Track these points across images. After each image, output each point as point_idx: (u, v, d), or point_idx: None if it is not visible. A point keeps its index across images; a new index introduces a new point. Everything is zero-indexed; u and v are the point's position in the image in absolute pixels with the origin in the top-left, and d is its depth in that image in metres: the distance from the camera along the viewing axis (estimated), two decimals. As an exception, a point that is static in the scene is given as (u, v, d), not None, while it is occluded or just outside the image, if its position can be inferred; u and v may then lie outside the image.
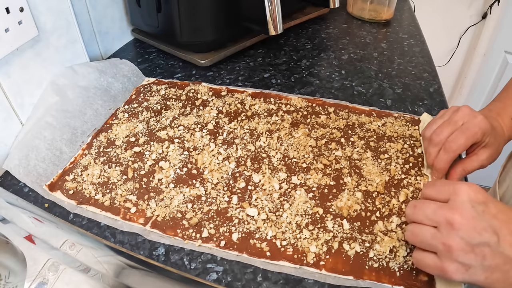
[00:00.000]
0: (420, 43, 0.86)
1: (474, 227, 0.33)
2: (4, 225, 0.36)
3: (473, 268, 0.33)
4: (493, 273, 0.33)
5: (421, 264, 0.37)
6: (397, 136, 0.58)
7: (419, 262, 0.37)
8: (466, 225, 0.33)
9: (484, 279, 0.33)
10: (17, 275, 0.32)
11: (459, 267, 0.34)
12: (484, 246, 0.33)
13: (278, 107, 0.64)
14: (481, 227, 0.33)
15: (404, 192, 0.49)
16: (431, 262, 0.36)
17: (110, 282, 0.34)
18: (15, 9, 0.50)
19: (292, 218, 0.46)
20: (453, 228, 0.34)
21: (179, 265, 0.42)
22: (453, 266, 0.34)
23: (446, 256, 0.34)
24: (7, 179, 0.52)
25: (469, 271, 0.33)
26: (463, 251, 0.33)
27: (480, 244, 0.33)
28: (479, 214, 0.34)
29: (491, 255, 0.33)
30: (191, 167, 0.53)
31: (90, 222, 0.47)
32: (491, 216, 0.34)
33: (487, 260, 0.33)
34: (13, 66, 0.53)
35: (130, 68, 0.71)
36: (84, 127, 0.59)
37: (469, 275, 0.34)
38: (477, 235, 0.33)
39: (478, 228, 0.33)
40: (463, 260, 0.33)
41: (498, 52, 1.56)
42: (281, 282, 0.40)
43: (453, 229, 0.34)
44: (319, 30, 0.92)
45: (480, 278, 0.33)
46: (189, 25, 0.72)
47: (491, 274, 0.33)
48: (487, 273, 0.33)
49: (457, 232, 0.33)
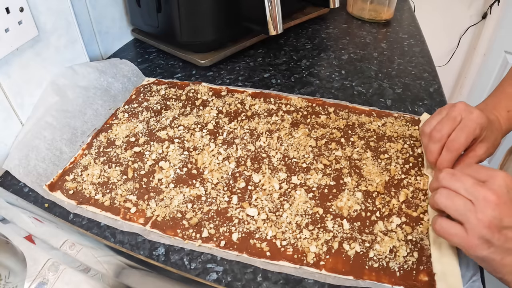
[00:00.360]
0: (420, 43, 0.86)
1: (506, 211, 0.35)
2: (4, 225, 0.36)
3: (494, 247, 0.35)
4: (509, 256, 0.35)
5: (446, 232, 0.38)
6: (397, 136, 0.58)
7: (444, 229, 0.38)
8: (500, 207, 0.35)
9: (500, 260, 0.35)
10: (17, 275, 0.32)
11: (483, 243, 0.35)
12: (509, 230, 0.35)
13: (278, 107, 0.64)
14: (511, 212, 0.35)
15: (404, 192, 0.49)
16: (458, 231, 0.37)
17: (110, 282, 0.34)
18: (15, 9, 0.50)
19: (292, 218, 0.46)
20: (488, 206, 0.35)
21: (179, 265, 0.42)
22: (478, 241, 0.35)
23: (475, 229, 0.35)
24: (7, 179, 0.52)
25: (490, 249, 0.35)
26: (491, 229, 0.35)
27: (507, 227, 0.35)
28: (510, 200, 0.35)
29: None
30: (191, 167, 0.53)
31: (90, 222, 0.47)
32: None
33: (508, 243, 0.35)
34: (13, 66, 0.53)
35: (130, 68, 0.71)
36: (84, 127, 0.59)
37: (488, 253, 0.35)
38: (507, 219, 0.35)
39: (509, 213, 0.35)
40: (489, 238, 0.35)
41: (498, 52, 1.56)
42: (281, 282, 0.40)
43: (488, 207, 0.35)
44: (319, 30, 0.92)
45: (496, 258, 0.35)
46: (189, 25, 0.72)
47: (507, 256, 0.35)
48: (503, 255, 0.35)
49: (492, 211, 0.35)
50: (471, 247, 0.36)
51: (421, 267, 0.41)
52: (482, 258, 0.36)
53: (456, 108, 0.47)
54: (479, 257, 0.36)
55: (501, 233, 0.35)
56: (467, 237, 0.36)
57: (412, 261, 0.41)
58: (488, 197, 0.35)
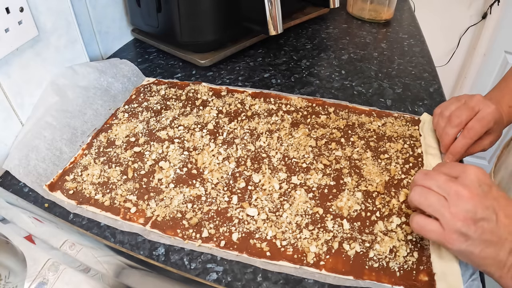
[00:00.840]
0: (420, 43, 0.86)
1: (479, 203, 0.36)
2: (4, 225, 0.36)
3: (471, 240, 0.36)
4: (488, 248, 0.36)
5: (424, 229, 0.39)
6: (397, 136, 0.58)
7: (422, 227, 0.39)
8: (472, 200, 0.36)
9: (479, 252, 0.36)
10: (17, 275, 0.32)
11: (460, 237, 0.36)
12: (484, 221, 0.35)
13: (278, 107, 0.64)
14: (485, 205, 0.36)
15: (404, 192, 0.49)
16: (435, 228, 0.38)
17: (110, 282, 0.34)
18: (15, 9, 0.50)
19: (292, 218, 0.46)
20: (461, 200, 0.36)
21: (179, 265, 0.42)
22: (455, 235, 0.36)
23: (450, 224, 0.36)
24: (7, 179, 0.52)
25: (468, 242, 0.36)
26: (466, 222, 0.36)
27: (481, 219, 0.35)
28: (484, 193, 0.36)
29: (489, 231, 0.35)
30: (191, 167, 0.53)
31: (90, 222, 0.47)
32: (493, 198, 0.36)
33: (485, 235, 0.35)
34: (13, 66, 0.53)
35: (130, 68, 0.71)
36: (84, 127, 0.59)
37: (466, 246, 0.36)
38: (480, 211, 0.35)
39: (482, 205, 0.36)
40: (465, 231, 0.36)
41: (498, 52, 1.56)
42: (281, 282, 0.40)
43: (460, 201, 0.36)
44: (319, 30, 0.92)
45: (475, 251, 0.36)
46: (189, 25, 0.72)
47: (486, 248, 0.36)
48: (482, 247, 0.36)
49: (464, 205, 0.36)
50: (449, 241, 0.37)
51: (421, 267, 0.41)
52: (462, 252, 0.37)
53: (474, 99, 0.49)
54: (459, 251, 0.37)
55: (477, 225, 0.35)
56: (443, 232, 0.37)
57: (412, 261, 0.41)
58: (460, 192, 0.36)
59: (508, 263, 0.35)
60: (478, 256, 0.36)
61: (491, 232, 0.36)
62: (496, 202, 0.36)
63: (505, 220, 0.36)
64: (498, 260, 0.36)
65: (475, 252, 0.36)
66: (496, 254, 0.36)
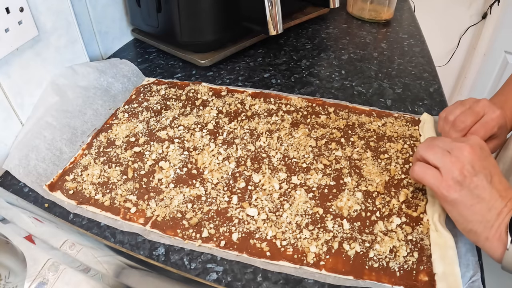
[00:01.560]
0: (420, 43, 0.86)
1: (478, 160, 0.39)
2: (4, 225, 0.36)
3: (465, 191, 0.38)
4: (478, 204, 0.38)
5: (422, 172, 0.42)
6: (397, 136, 0.58)
7: (421, 170, 0.42)
8: (472, 155, 0.39)
9: (470, 206, 0.38)
10: (17, 275, 0.32)
11: (455, 185, 0.39)
12: (479, 177, 0.38)
13: (278, 107, 0.64)
14: (483, 164, 0.39)
15: (404, 192, 0.49)
16: (434, 172, 0.41)
17: (110, 282, 0.34)
18: (15, 9, 0.50)
19: (292, 218, 0.46)
20: (462, 153, 0.39)
21: (179, 265, 0.42)
22: (451, 182, 0.39)
23: (449, 171, 0.39)
24: (7, 179, 0.52)
25: (462, 192, 0.39)
26: (464, 173, 0.39)
27: (477, 174, 0.38)
28: (484, 156, 0.40)
29: (482, 187, 0.38)
30: (191, 167, 0.53)
31: (90, 222, 0.47)
32: (491, 164, 0.40)
33: (478, 190, 0.38)
34: (13, 66, 0.53)
35: (130, 68, 0.71)
36: (84, 127, 0.59)
37: (459, 195, 0.39)
38: (477, 167, 0.39)
39: (480, 163, 0.39)
40: (461, 180, 0.39)
41: (498, 52, 1.56)
42: (281, 282, 0.40)
43: (462, 155, 0.39)
44: (319, 30, 0.92)
45: (467, 202, 0.38)
46: (189, 25, 0.72)
47: (477, 203, 0.38)
48: (473, 201, 0.38)
49: (464, 157, 0.39)
50: (446, 187, 0.39)
51: (421, 267, 0.41)
52: (455, 202, 0.39)
53: (480, 104, 0.49)
54: (452, 200, 0.39)
55: (472, 178, 0.38)
56: (441, 178, 0.40)
57: (412, 261, 0.41)
58: (463, 147, 0.40)
59: (496, 224, 0.37)
60: (469, 209, 0.38)
61: (483, 188, 0.38)
62: (493, 167, 0.40)
63: (498, 185, 0.39)
64: (486, 219, 0.38)
65: (467, 204, 0.38)
66: (485, 213, 0.38)
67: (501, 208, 0.37)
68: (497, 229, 0.37)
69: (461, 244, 0.42)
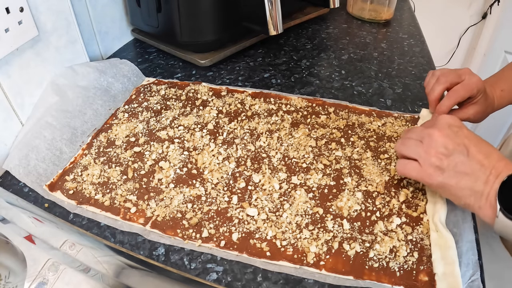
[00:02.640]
0: (420, 43, 0.86)
1: (449, 140, 0.41)
2: (4, 225, 0.36)
3: (447, 172, 0.41)
4: (463, 179, 0.40)
5: (405, 168, 0.44)
6: (397, 136, 0.58)
7: (403, 166, 0.45)
8: (442, 138, 0.42)
9: (456, 184, 0.40)
10: (17, 275, 0.32)
11: (436, 170, 0.41)
12: (455, 155, 0.41)
13: (278, 107, 0.64)
14: (455, 142, 0.41)
15: (404, 192, 0.49)
16: (414, 165, 0.43)
17: (110, 282, 0.34)
18: (15, 9, 0.50)
19: (292, 218, 0.46)
20: (432, 139, 0.42)
21: (179, 265, 0.42)
22: (431, 169, 0.41)
23: (426, 160, 0.42)
24: (7, 179, 0.52)
25: (444, 174, 0.41)
26: (439, 157, 0.41)
27: (453, 154, 0.41)
28: (454, 133, 0.42)
29: (461, 163, 0.40)
30: (191, 167, 0.53)
31: (90, 222, 0.47)
32: (464, 136, 0.42)
33: (458, 167, 0.40)
34: (13, 66, 0.53)
35: (130, 68, 0.71)
36: (84, 127, 0.59)
37: (443, 178, 0.41)
38: (451, 146, 0.41)
39: (453, 142, 0.41)
40: (439, 164, 0.41)
41: (498, 52, 1.56)
42: (281, 282, 0.40)
43: (432, 141, 0.42)
44: (319, 30, 0.92)
45: (452, 182, 0.41)
46: (189, 25, 0.72)
47: (461, 179, 0.40)
48: (457, 179, 0.40)
49: (436, 143, 0.42)
50: (427, 175, 0.42)
51: (421, 267, 0.41)
52: (441, 185, 0.41)
53: (462, 70, 0.55)
54: (438, 185, 0.42)
55: (449, 159, 0.41)
56: (421, 168, 0.42)
57: (412, 261, 0.41)
58: (431, 133, 0.42)
59: (485, 192, 0.39)
60: (456, 187, 0.40)
61: (463, 164, 0.40)
62: (467, 139, 0.41)
63: (477, 154, 0.40)
64: (475, 190, 0.39)
65: (452, 184, 0.40)
66: (472, 185, 0.39)
67: (487, 176, 0.39)
68: (487, 198, 0.39)
69: (462, 243, 0.42)
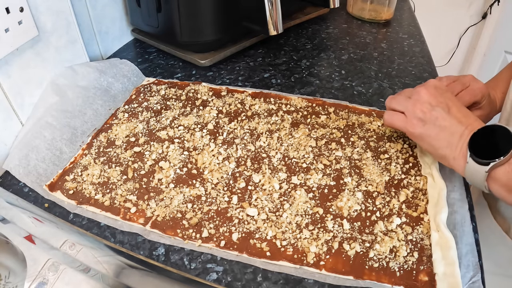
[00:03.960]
0: (420, 43, 0.86)
1: (433, 98, 0.47)
2: (4, 225, 0.36)
3: (428, 124, 0.46)
4: (442, 132, 0.45)
5: (391, 118, 0.50)
6: (397, 136, 0.58)
7: (390, 116, 0.50)
8: (428, 95, 0.47)
9: (435, 135, 0.45)
10: (17, 275, 0.32)
11: (419, 122, 0.47)
12: (437, 111, 0.46)
13: (278, 107, 0.64)
14: (438, 100, 0.47)
15: (404, 192, 0.49)
16: (400, 117, 0.49)
17: (110, 282, 0.34)
18: (15, 9, 0.50)
19: (292, 218, 0.46)
20: (419, 95, 0.48)
21: (179, 265, 0.42)
22: (415, 120, 0.47)
23: (412, 112, 0.47)
24: (7, 179, 0.52)
25: (425, 126, 0.46)
26: (423, 111, 0.46)
27: (435, 109, 0.46)
28: (438, 93, 0.47)
29: (441, 118, 0.45)
30: (191, 167, 0.53)
31: (90, 222, 0.47)
32: (446, 97, 0.47)
33: (438, 121, 0.45)
34: (13, 66, 0.53)
35: (130, 68, 0.71)
36: (84, 127, 0.59)
37: (425, 130, 0.46)
38: (434, 103, 0.46)
39: (436, 99, 0.47)
40: (422, 117, 0.46)
41: (498, 52, 1.56)
42: (281, 282, 0.40)
43: (419, 96, 0.48)
44: (319, 30, 0.92)
45: (432, 133, 0.46)
46: (189, 25, 0.72)
47: (440, 132, 0.45)
48: (437, 131, 0.45)
49: (421, 98, 0.47)
50: (411, 126, 0.47)
51: (421, 267, 0.41)
52: (421, 135, 0.47)
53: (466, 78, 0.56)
54: (419, 135, 0.47)
55: (431, 113, 0.46)
56: (406, 119, 0.48)
57: (412, 261, 0.41)
58: (419, 91, 0.48)
59: (459, 145, 0.43)
60: (434, 138, 0.45)
61: (443, 119, 0.45)
62: (450, 100, 0.47)
63: (457, 113, 0.45)
64: (451, 142, 0.44)
65: (432, 135, 0.46)
66: (449, 138, 0.44)
67: (462, 131, 0.44)
68: (461, 149, 0.43)
69: (462, 245, 0.42)
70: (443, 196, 0.46)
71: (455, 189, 0.49)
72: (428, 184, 0.49)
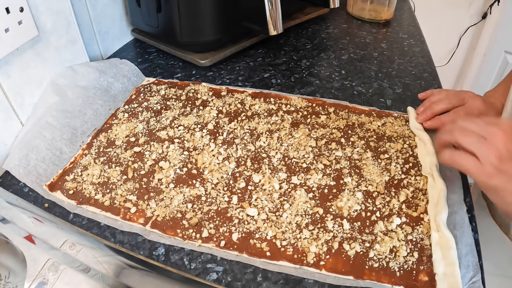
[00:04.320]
0: (420, 43, 0.86)
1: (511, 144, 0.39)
2: (4, 225, 0.36)
3: (507, 176, 0.38)
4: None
5: (460, 158, 0.42)
6: (397, 136, 0.58)
7: (458, 156, 0.42)
8: (508, 140, 0.39)
9: (511, 189, 0.38)
10: (17, 275, 0.32)
11: (496, 171, 0.39)
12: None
13: (278, 107, 0.64)
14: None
15: (404, 192, 0.49)
16: (472, 160, 0.41)
17: (110, 282, 0.34)
18: (15, 9, 0.50)
19: (292, 218, 0.46)
20: (498, 138, 0.40)
21: (179, 265, 0.42)
22: (492, 169, 0.39)
23: (487, 158, 0.39)
24: (7, 179, 0.52)
25: (503, 177, 0.39)
26: (502, 158, 0.39)
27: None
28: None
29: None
30: (191, 167, 0.53)
31: (90, 222, 0.46)
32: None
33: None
34: (13, 66, 0.53)
35: (130, 68, 0.71)
36: (84, 127, 0.59)
37: (501, 182, 0.39)
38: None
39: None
40: (501, 167, 0.39)
41: (498, 52, 1.56)
42: (281, 282, 0.40)
43: (498, 139, 0.40)
44: (319, 30, 0.92)
45: (508, 188, 0.38)
46: (189, 25, 0.72)
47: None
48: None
49: (501, 143, 0.39)
50: (486, 175, 0.39)
51: (421, 267, 0.41)
52: (495, 188, 0.39)
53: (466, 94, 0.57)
54: (492, 186, 0.39)
55: (509, 163, 0.38)
56: (481, 165, 0.40)
57: (412, 261, 0.41)
58: (497, 132, 0.40)
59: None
60: (510, 192, 0.38)
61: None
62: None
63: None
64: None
65: (509, 189, 0.38)
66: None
67: None
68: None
69: (462, 245, 0.42)
70: (443, 196, 0.46)
71: (455, 190, 0.49)
72: (428, 184, 0.49)
